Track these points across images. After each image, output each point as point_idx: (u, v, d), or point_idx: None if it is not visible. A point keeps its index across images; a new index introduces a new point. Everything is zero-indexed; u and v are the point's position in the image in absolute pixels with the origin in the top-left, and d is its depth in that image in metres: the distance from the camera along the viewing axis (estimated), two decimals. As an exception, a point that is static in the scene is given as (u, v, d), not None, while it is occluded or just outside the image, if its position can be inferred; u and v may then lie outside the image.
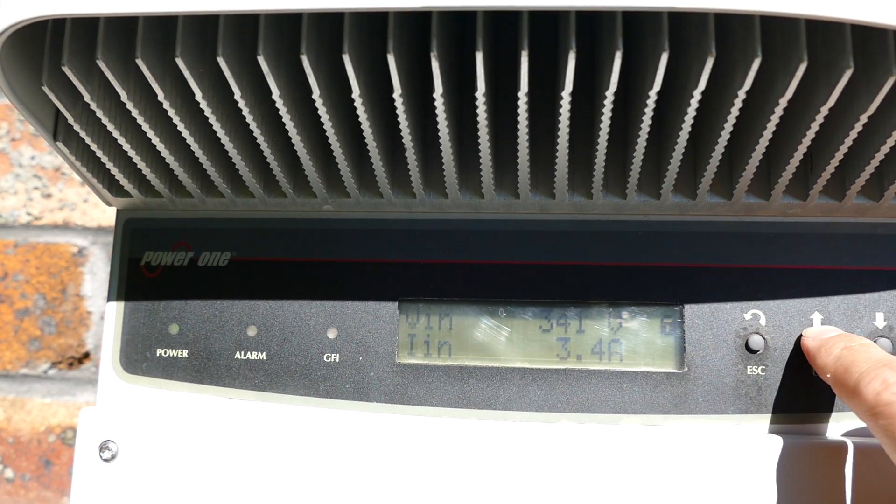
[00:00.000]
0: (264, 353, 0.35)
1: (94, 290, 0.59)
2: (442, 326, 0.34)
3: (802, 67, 0.25)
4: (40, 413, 0.58)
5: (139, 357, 0.36)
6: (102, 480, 0.34)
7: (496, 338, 0.34)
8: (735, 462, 0.31)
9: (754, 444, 0.31)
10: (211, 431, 0.34)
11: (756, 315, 0.33)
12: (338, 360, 0.35)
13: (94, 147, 0.32)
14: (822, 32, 0.27)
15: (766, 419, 0.32)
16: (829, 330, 0.32)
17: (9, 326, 0.60)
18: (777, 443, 0.31)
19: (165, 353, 0.36)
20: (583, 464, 0.32)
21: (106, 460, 0.34)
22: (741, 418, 0.32)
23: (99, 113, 0.30)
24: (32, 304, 0.59)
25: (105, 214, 0.60)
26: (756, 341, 0.33)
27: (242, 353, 0.35)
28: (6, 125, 0.62)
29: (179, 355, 0.36)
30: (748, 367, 0.33)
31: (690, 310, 0.33)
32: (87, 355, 0.59)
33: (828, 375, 0.30)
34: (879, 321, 0.33)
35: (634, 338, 0.34)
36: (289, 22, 0.28)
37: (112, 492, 0.34)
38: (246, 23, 0.28)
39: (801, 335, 0.32)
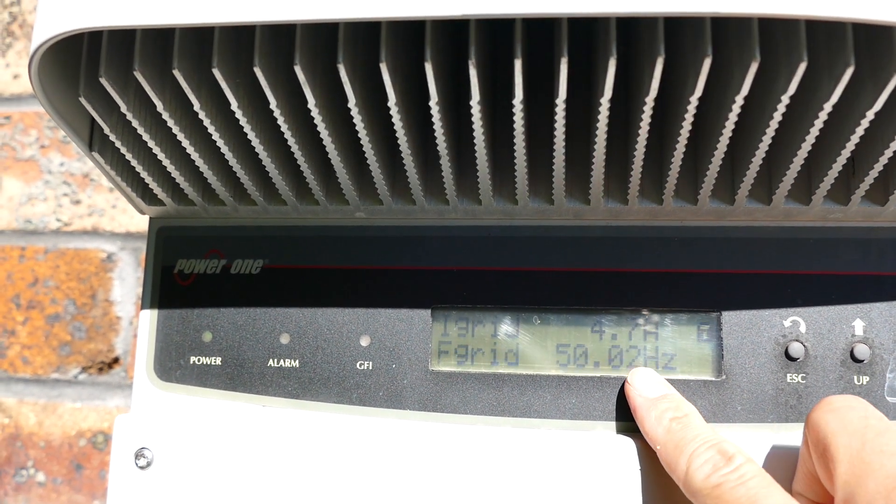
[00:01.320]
0: (297, 361, 0.35)
1: (123, 295, 0.60)
2: (476, 334, 0.34)
3: (849, 72, 0.25)
4: (71, 417, 0.59)
5: (173, 364, 0.36)
6: (138, 488, 0.34)
7: (530, 345, 0.34)
8: (774, 471, 0.31)
9: (794, 452, 0.31)
10: (245, 439, 0.34)
11: (796, 322, 0.33)
12: (371, 367, 0.34)
13: (128, 156, 0.32)
14: (866, 36, 0.26)
15: (806, 428, 0.32)
16: (654, 384, 0.32)
17: (40, 332, 0.60)
18: (819, 452, 0.31)
19: (199, 360, 0.36)
20: (618, 472, 0.32)
21: (141, 468, 0.34)
22: (780, 427, 0.32)
23: (135, 123, 0.30)
24: (63, 309, 0.60)
25: (133, 220, 0.61)
26: (796, 349, 0.32)
27: (275, 360, 0.35)
28: (35, 132, 0.62)
29: (213, 363, 0.36)
30: (788, 374, 0.32)
31: (728, 317, 0.33)
32: (116, 360, 0.59)
33: (657, 447, 0.30)
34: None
35: (671, 345, 0.33)
36: (324, 31, 0.28)
37: (148, 499, 0.34)
38: (280, 32, 0.28)
39: (626, 382, 0.32)
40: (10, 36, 0.62)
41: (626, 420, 0.33)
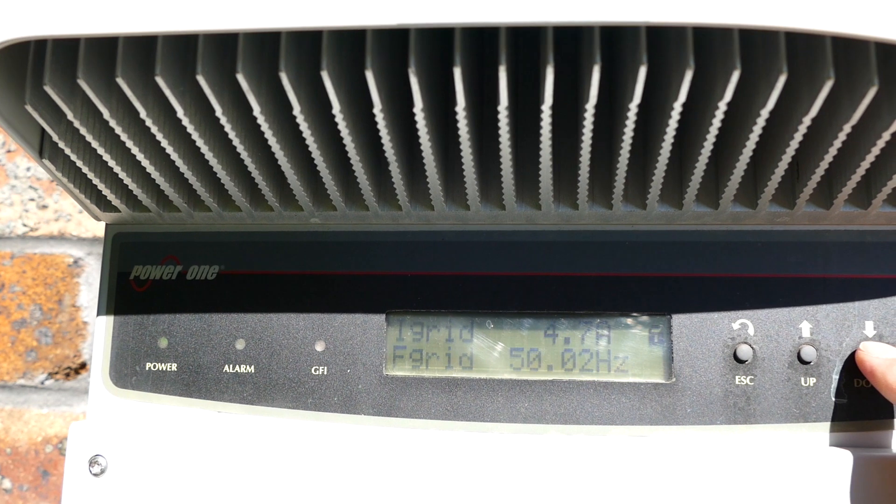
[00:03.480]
0: (253, 367, 0.35)
1: (90, 300, 0.60)
2: (429, 338, 0.34)
3: (782, 79, 0.25)
4: (37, 424, 0.59)
5: (129, 371, 0.36)
6: (92, 495, 0.34)
7: (484, 349, 0.34)
8: (723, 473, 0.31)
9: (743, 454, 0.31)
10: (200, 445, 0.34)
11: (744, 325, 0.33)
12: (326, 372, 0.35)
13: (80, 164, 0.32)
14: (804, 43, 0.26)
15: (754, 429, 0.32)
16: (886, 348, 0.32)
17: (6, 338, 0.60)
18: (766, 453, 0.31)
19: (155, 366, 0.36)
20: (570, 475, 0.32)
21: (96, 475, 0.34)
22: (729, 429, 0.32)
23: (83, 131, 0.30)
24: (29, 315, 0.60)
25: (100, 225, 0.60)
26: (744, 351, 0.33)
27: (231, 366, 0.35)
28: (2, 137, 0.62)
29: (168, 369, 0.36)
30: (736, 377, 0.33)
31: (678, 320, 0.33)
32: (83, 365, 0.59)
33: None
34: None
35: (622, 348, 0.34)
36: (269, 39, 0.28)
37: (102, 506, 0.34)
38: (226, 41, 0.28)
39: (859, 350, 0.32)
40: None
41: (579, 423, 0.33)
